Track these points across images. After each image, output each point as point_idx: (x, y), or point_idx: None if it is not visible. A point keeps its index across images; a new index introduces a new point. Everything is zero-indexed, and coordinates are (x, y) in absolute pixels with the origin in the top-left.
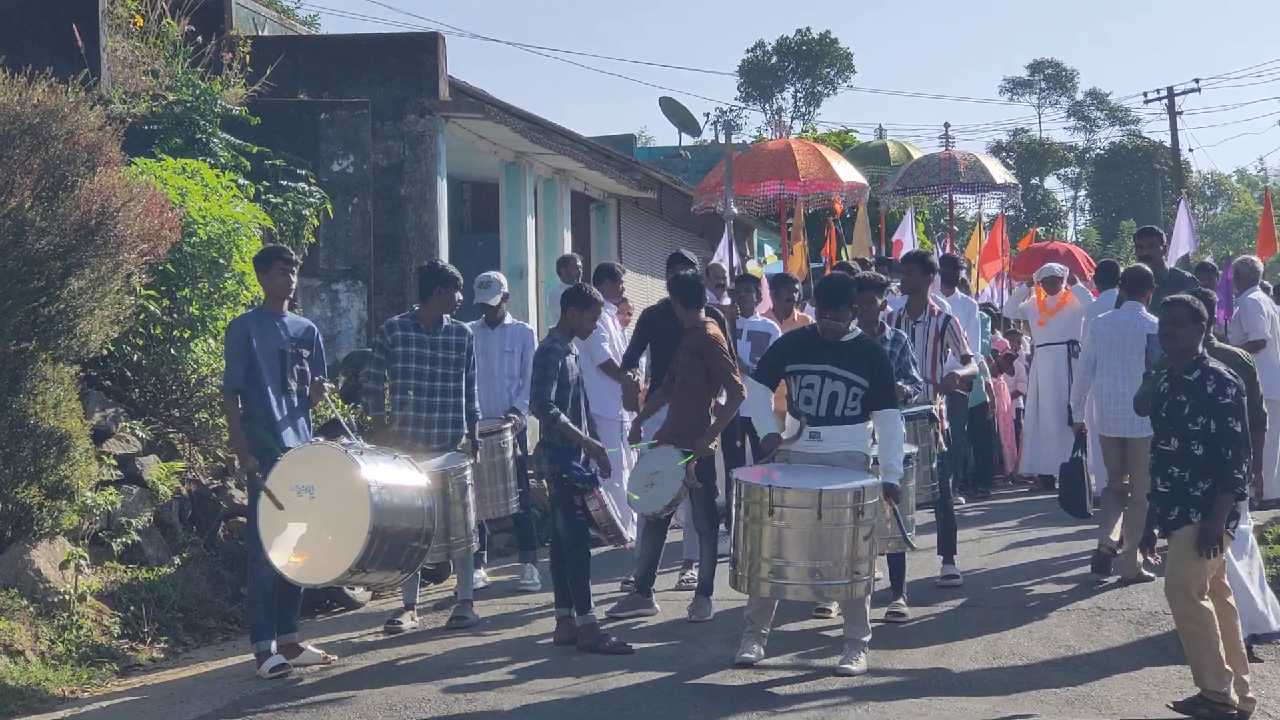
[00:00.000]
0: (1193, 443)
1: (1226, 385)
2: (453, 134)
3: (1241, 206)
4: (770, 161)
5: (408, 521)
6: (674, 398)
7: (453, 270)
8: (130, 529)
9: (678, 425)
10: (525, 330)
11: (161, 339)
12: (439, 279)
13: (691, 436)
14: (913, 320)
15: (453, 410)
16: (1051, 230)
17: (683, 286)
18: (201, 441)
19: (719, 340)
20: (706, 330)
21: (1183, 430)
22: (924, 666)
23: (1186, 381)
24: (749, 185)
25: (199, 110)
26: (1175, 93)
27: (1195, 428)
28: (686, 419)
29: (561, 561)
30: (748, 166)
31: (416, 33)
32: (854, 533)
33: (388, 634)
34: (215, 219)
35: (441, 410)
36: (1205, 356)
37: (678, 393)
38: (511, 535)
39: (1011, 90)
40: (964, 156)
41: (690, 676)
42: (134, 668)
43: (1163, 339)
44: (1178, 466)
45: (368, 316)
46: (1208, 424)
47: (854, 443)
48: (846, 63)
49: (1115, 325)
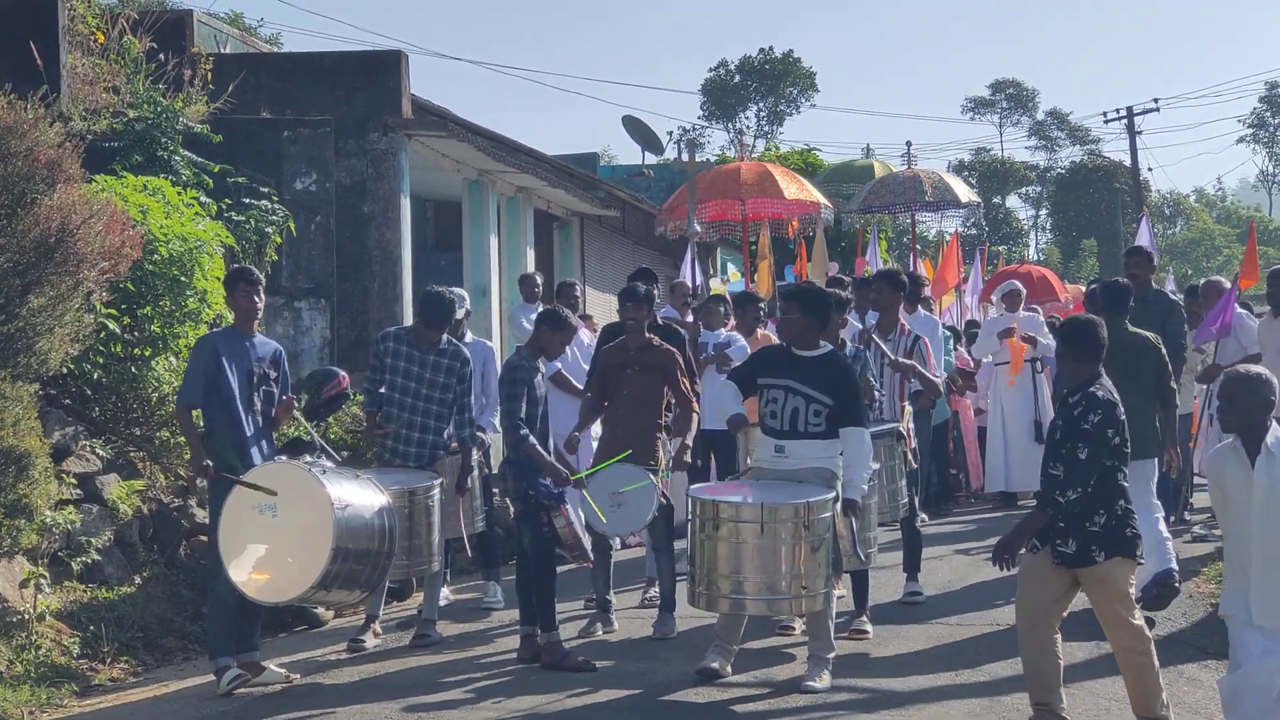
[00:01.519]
0: (1055, 464)
1: (1092, 410)
2: (416, 152)
3: (1200, 226)
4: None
5: (369, 540)
6: (626, 414)
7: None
8: (90, 548)
9: (632, 441)
10: (486, 348)
11: (122, 357)
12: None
13: (646, 453)
14: (883, 339)
15: (433, 432)
16: (1013, 249)
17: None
18: (162, 460)
19: (679, 358)
20: (664, 348)
21: (1059, 455)
22: (887, 683)
23: (1067, 404)
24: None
25: (160, 127)
26: (1135, 112)
27: (1065, 451)
28: (641, 435)
29: (527, 579)
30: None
31: (379, 51)
32: (799, 546)
33: (351, 652)
34: (177, 237)
35: (421, 430)
36: (1093, 380)
37: (630, 409)
38: (474, 553)
39: (973, 110)
40: (928, 175)
41: (655, 694)
42: (94, 688)
43: (1057, 359)
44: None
45: (330, 335)
46: (1065, 448)
47: (820, 459)
48: (809, 82)
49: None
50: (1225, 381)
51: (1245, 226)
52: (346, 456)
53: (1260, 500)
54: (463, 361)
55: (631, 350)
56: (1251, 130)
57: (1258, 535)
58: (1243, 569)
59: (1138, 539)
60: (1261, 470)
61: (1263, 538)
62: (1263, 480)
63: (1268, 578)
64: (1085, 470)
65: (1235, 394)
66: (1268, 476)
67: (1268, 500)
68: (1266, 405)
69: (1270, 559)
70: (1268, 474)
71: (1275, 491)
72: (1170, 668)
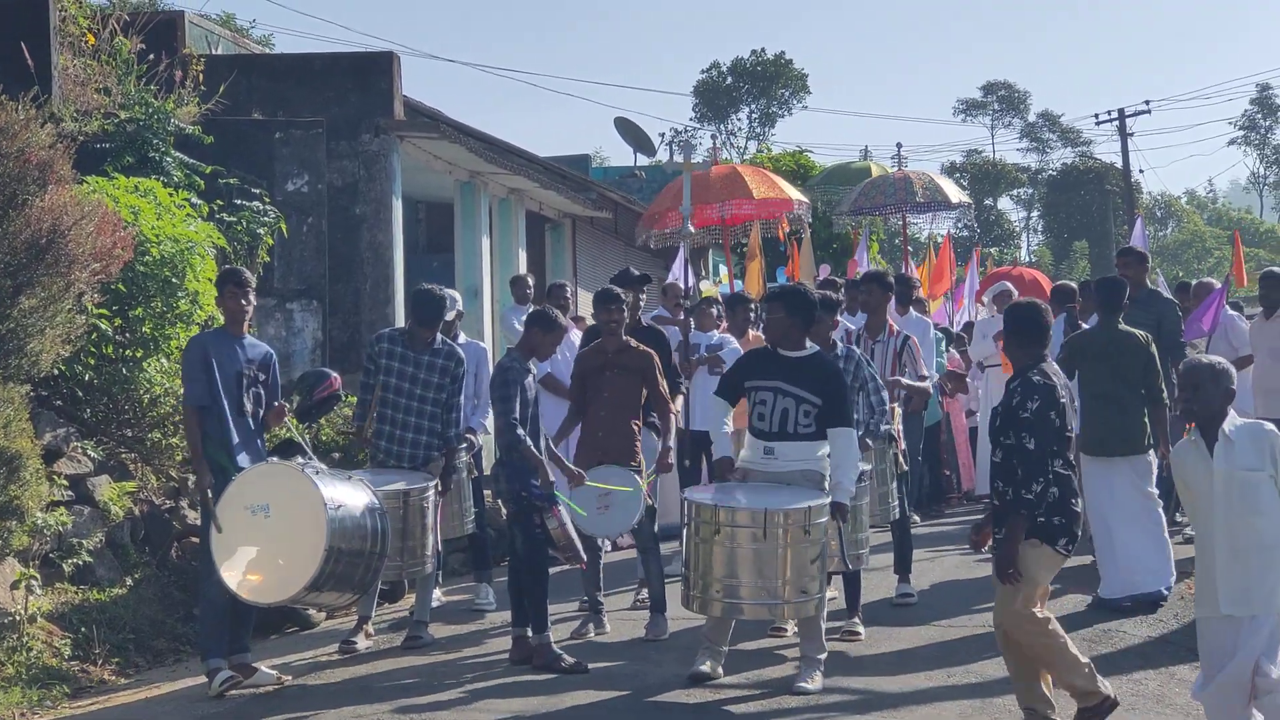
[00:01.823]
0: (1011, 458)
1: (1029, 398)
2: (408, 154)
3: (1191, 227)
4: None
5: (362, 541)
6: (607, 415)
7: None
8: (81, 550)
9: (611, 443)
10: (479, 349)
11: (113, 358)
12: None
13: (627, 454)
14: (872, 339)
15: (427, 432)
16: (1004, 251)
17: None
18: (154, 461)
19: (656, 360)
20: (642, 350)
21: (998, 442)
22: (879, 684)
23: (1008, 392)
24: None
25: (151, 129)
26: (1126, 114)
27: (1007, 441)
28: (623, 437)
29: (519, 580)
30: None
31: (371, 52)
32: (801, 551)
33: (343, 653)
34: (168, 238)
35: (415, 431)
36: (1035, 365)
37: (610, 410)
38: (466, 555)
39: (965, 111)
40: (919, 176)
41: (646, 695)
42: (85, 689)
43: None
44: (1001, 480)
45: (322, 336)
46: (1009, 438)
47: (809, 461)
48: (801, 84)
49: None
50: (1188, 371)
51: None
52: (338, 459)
53: (1221, 488)
54: (457, 361)
55: (610, 352)
56: (1242, 132)
57: (1220, 524)
58: (1209, 561)
59: (1063, 531)
60: (1220, 458)
61: (1225, 526)
62: (1222, 468)
63: (1233, 566)
64: (1039, 459)
65: (1200, 383)
66: (1226, 464)
67: (1227, 488)
68: (1228, 395)
69: (1234, 548)
70: (1226, 461)
71: (1234, 479)
72: (1162, 669)
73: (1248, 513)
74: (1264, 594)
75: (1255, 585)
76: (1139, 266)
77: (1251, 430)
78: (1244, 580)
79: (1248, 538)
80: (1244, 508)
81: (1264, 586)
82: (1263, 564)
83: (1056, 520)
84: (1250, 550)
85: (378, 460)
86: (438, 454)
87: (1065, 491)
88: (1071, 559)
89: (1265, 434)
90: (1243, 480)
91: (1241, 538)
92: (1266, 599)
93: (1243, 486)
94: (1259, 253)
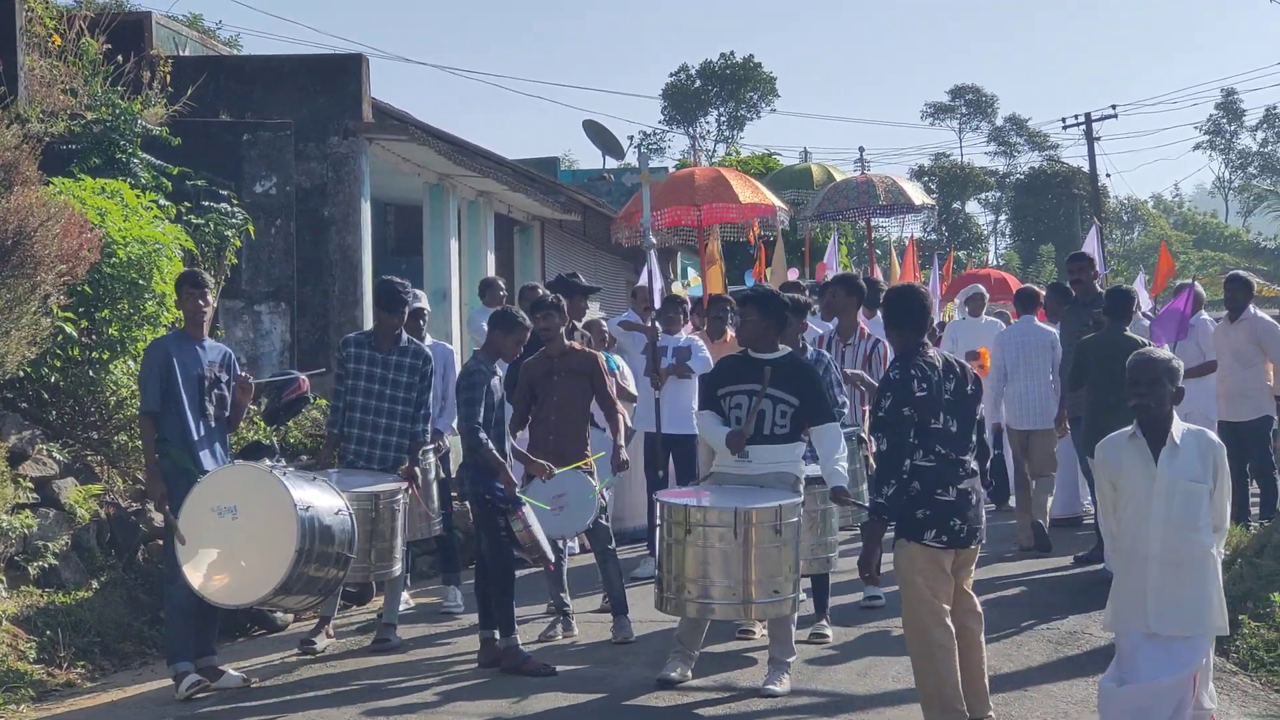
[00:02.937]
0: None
1: (884, 395)
2: (376, 156)
3: (1157, 231)
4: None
5: (330, 544)
6: (557, 420)
7: (394, 292)
8: (47, 552)
9: (563, 446)
10: (446, 350)
11: (80, 361)
12: (376, 302)
13: (578, 456)
14: (843, 343)
15: (398, 434)
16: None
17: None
18: (120, 464)
19: (601, 362)
20: (586, 352)
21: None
22: (847, 687)
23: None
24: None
25: (118, 130)
26: (1093, 118)
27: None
28: (573, 440)
29: (486, 583)
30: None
31: (340, 54)
32: (772, 551)
33: (303, 653)
34: (135, 240)
35: (386, 432)
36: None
37: (560, 414)
38: (434, 558)
39: (933, 115)
40: (881, 180)
41: (615, 698)
42: (50, 693)
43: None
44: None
45: (290, 338)
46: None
47: (783, 463)
48: (770, 86)
49: (1016, 336)
50: (1145, 364)
51: (1201, 232)
52: (307, 461)
53: (1162, 497)
54: (425, 359)
55: (555, 358)
56: (1208, 137)
57: (1156, 534)
58: (1139, 573)
59: (929, 524)
60: (1165, 464)
61: (1162, 537)
62: (1166, 474)
63: (1167, 581)
64: (891, 461)
65: (1158, 377)
66: (1171, 471)
67: (1169, 497)
68: (1179, 395)
69: (1169, 561)
70: (1171, 468)
71: (1178, 488)
72: None
73: (1187, 526)
74: (1196, 612)
75: (1189, 602)
76: (1089, 271)
77: (1199, 439)
78: (1177, 596)
79: (1185, 551)
80: (1184, 520)
81: (1197, 604)
82: (1197, 580)
83: (919, 514)
84: (1186, 565)
85: (347, 461)
86: (408, 455)
87: (931, 482)
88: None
89: (1211, 446)
90: (1186, 491)
91: (1179, 551)
92: (1198, 618)
93: (1185, 497)
94: (1224, 257)
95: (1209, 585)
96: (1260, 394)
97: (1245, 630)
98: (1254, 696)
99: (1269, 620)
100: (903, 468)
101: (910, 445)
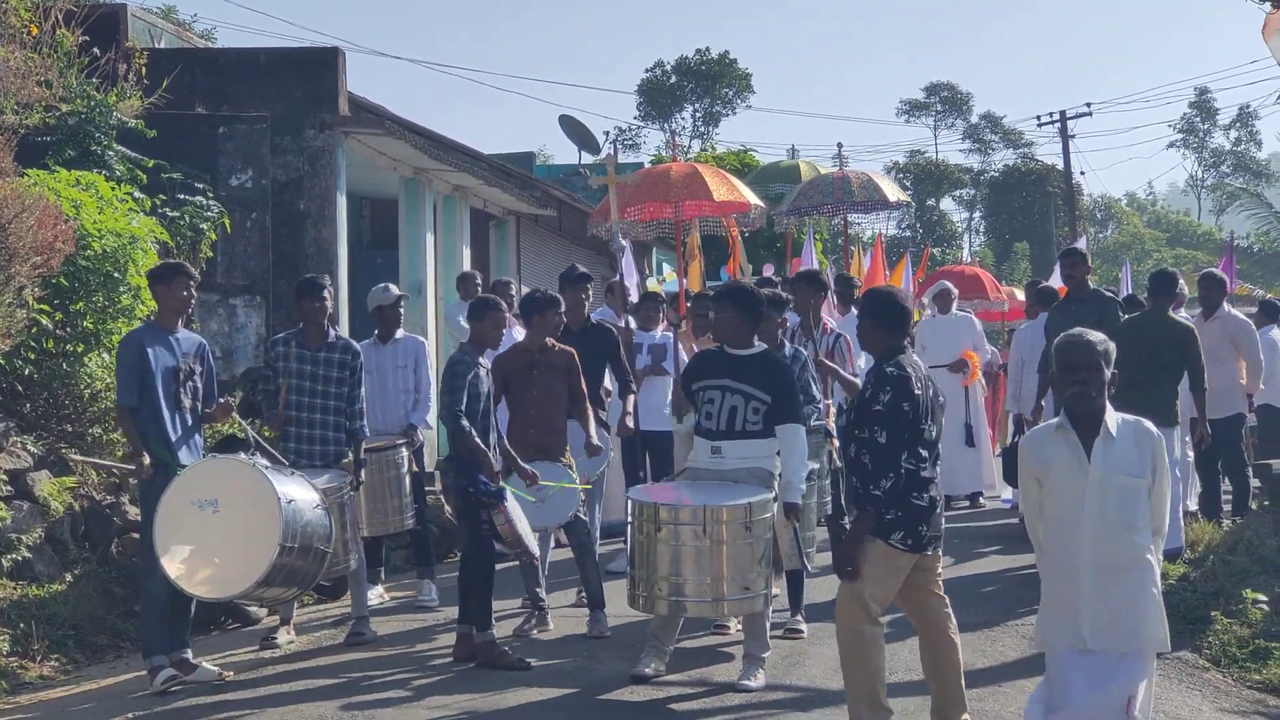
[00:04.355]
0: (862, 451)
1: (882, 389)
2: (352, 150)
3: (1131, 229)
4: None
5: (311, 536)
6: (537, 413)
7: (311, 280)
8: (20, 545)
9: (542, 440)
10: (418, 343)
11: (54, 353)
12: (296, 291)
13: (558, 449)
14: (805, 337)
15: (333, 428)
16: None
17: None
18: (95, 457)
19: (576, 357)
20: (562, 348)
21: (852, 436)
22: (822, 682)
23: (863, 383)
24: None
25: (94, 122)
26: (1067, 116)
27: (861, 434)
28: (553, 433)
29: (469, 577)
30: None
31: (316, 48)
32: (743, 548)
33: (263, 649)
34: (110, 232)
35: (322, 428)
36: (890, 355)
37: (540, 407)
38: (409, 552)
39: (908, 112)
40: (857, 175)
41: (590, 693)
42: (23, 686)
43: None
44: (855, 475)
45: (265, 332)
46: (863, 432)
47: (756, 459)
48: (745, 83)
49: (1032, 333)
50: (1079, 347)
51: (1174, 230)
52: None
53: (1095, 495)
54: (354, 354)
55: (534, 352)
56: (1181, 135)
57: (1089, 537)
58: (1070, 582)
59: (897, 525)
60: (1099, 457)
61: (1094, 540)
62: (1099, 469)
63: (1102, 590)
64: (890, 454)
65: (1096, 361)
66: (1105, 466)
67: (1103, 495)
68: (1115, 378)
69: (1104, 568)
70: (1105, 462)
71: (1113, 484)
72: None
73: (1123, 527)
74: (1133, 624)
75: (1125, 613)
76: (1083, 266)
77: (1136, 430)
78: (1113, 607)
79: (1121, 556)
80: (1120, 521)
81: (1134, 616)
82: (1135, 589)
83: (890, 515)
84: (1123, 572)
85: (289, 460)
86: (347, 449)
87: (908, 485)
88: None
89: (1149, 436)
90: (1122, 487)
91: (1114, 556)
92: (1135, 631)
93: (1121, 495)
94: (1197, 255)
95: (1148, 595)
96: (1233, 392)
97: (1218, 626)
98: (1226, 692)
99: (1241, 617)
100: (899, 462)
101: (904, 442)
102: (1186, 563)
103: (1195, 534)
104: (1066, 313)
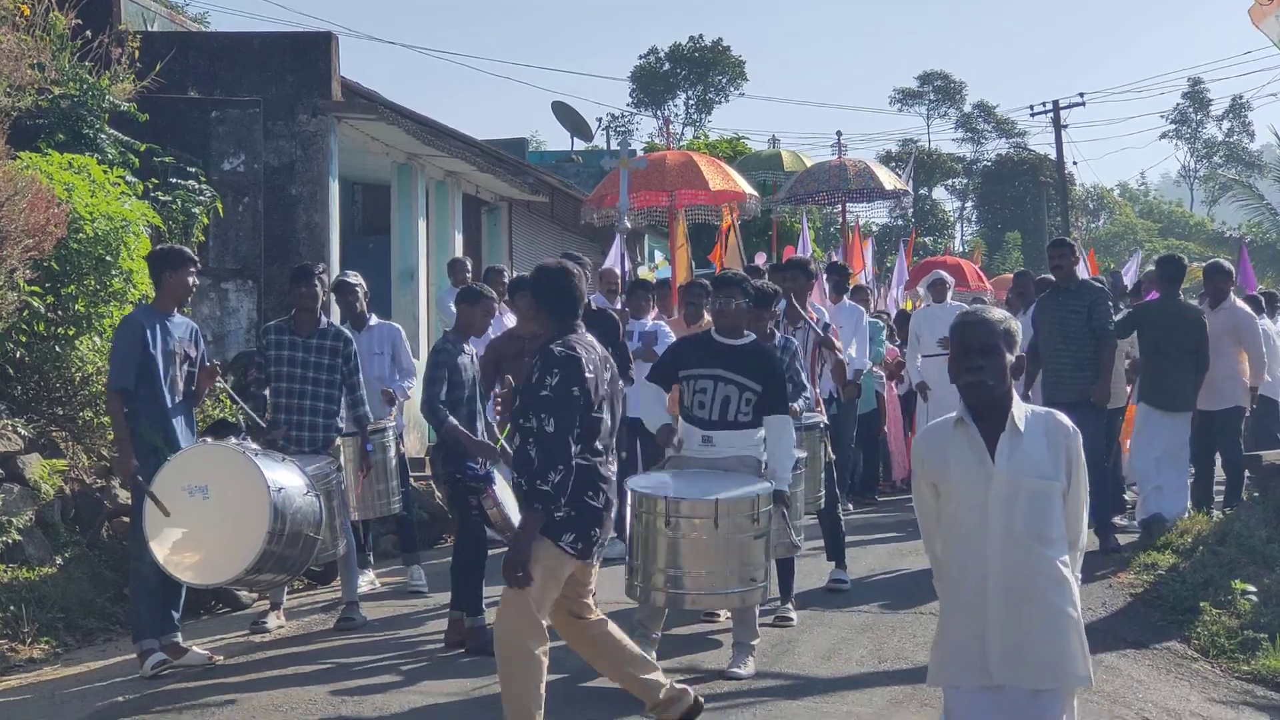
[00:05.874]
0: (528, 442)
1: (549, 372)
2: (345, 135)
3: (1123, 220)
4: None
5: (301, 523)
6: None
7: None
8: (11, 528)
9: None
10: (393, 329)
11: (46, 336)
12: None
13: None
14: (792, 326)
15: (323, 415)
16: (938, 240)
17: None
18: (85, 440)
19: None
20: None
21: (518, 426)
22: (811, 670)
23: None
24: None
25: (86, 105)
26: (1060, 106)
27: (526, 424)
28: None
29: (461, 562)
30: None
31: (309, 32)
32: (749, 540)
33: (253, 634)
34: (102, 216)
35: (311, 414)
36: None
37: None
38: (397, 537)
39: (901, 101)
40: (854, 164)
41: (578, 679)
42: (13, 668)
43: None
44: (520, 471)
45: (257, 316)
46: (529, 420)
47: (745, 447)
48: (738, 70)
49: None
50: (974, 327)
51: (1167, 221)
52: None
53: (1000, 501)
54: (345, 341)
55: (526, 338)
56: (1174, 126)
57: (995, 552)
58: (973, 605)
59: (569, 526)
60: (1004, 456)
61: (1002, 555)
62: (1006, 471)
63: (1011, 614)
64: (559, 443)
65: (994, 344)
66: (1011, 466)
67: (1010, 500)
68: (1020, 362)
69: (1014, 588)
70: (1011, 462)
71: (1021, 488)
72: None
73: (1033, 538)
74: (1049, 656)
75: (1037, 642)
76: (1071, 257)
77: (1047, 423)
78: (1026, 635)
79: (1033, 574)
80: (1029, 530)
81: (1049, 645)
82: (1050, 613)
83: (560, 513)
84: (1035, 592)
85: (279, 447)
86: (337, 435)
87: (581, 482)
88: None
89: (1062, 430)
90: (1031, 491)
91: (1025, 574)
92: (1053, 663)
93: (1031, 500)
94: (1189, 246)
95: (1065, 619)
96: (1233, 384)
97: (1207, 618)
98: (1215, 683)
99: (1230, 607)
100: (570, 454)
101: (575, 434)
102: (1176, 553)
103: (1185, 524)
104: (1055, 303)
